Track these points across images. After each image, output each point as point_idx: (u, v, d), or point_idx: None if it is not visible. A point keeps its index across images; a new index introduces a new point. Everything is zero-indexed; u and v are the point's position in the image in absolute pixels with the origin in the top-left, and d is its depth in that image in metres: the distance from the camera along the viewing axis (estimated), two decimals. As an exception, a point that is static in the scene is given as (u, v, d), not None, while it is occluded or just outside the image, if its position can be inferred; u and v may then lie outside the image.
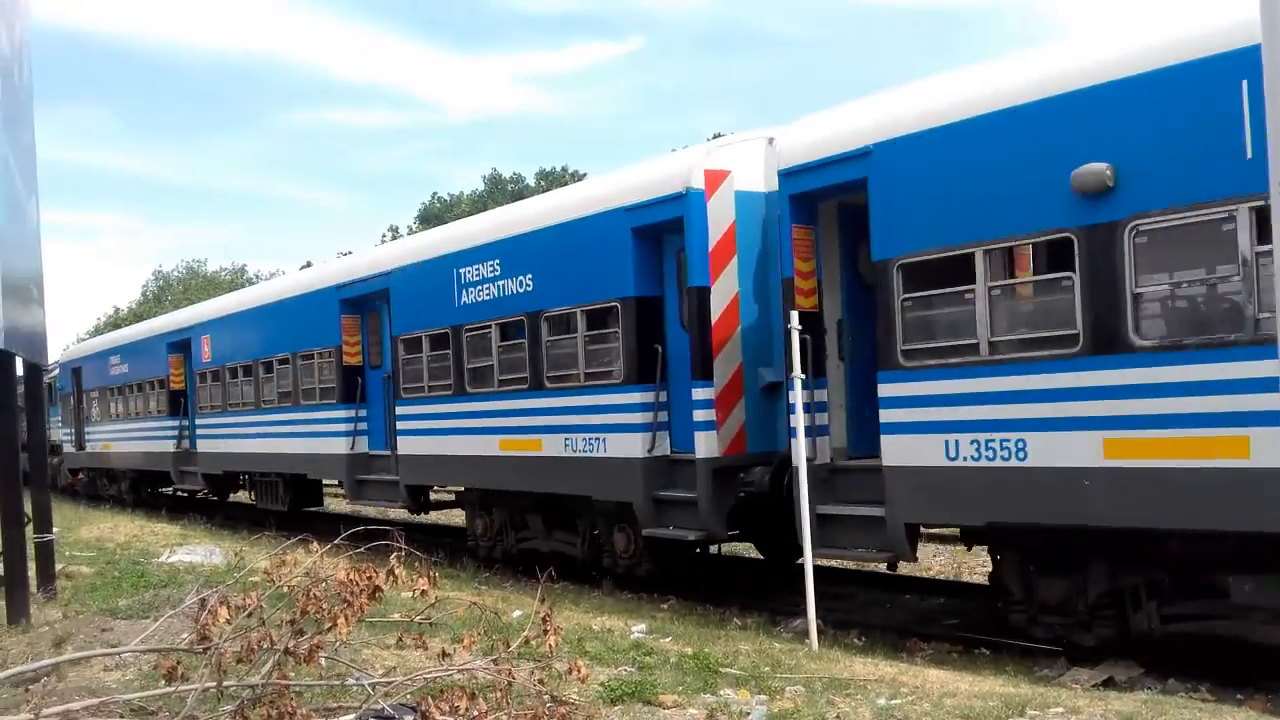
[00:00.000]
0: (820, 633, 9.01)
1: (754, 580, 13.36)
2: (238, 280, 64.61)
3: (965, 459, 8.59)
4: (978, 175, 8.52)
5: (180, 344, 24.50)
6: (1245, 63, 6.66)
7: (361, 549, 6.15)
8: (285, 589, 5.93)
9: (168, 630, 7.59)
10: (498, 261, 13.68)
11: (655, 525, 11.53)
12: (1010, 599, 8.97)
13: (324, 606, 5.48)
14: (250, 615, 5.72)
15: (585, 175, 56.68)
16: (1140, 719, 5.99)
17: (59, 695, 6.42)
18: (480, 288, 13.96)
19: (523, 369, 13.24)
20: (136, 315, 56.86)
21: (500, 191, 59.91)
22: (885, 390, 9.20)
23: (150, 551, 15.64)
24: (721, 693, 6.84)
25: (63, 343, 55.98)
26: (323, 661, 5.96)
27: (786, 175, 10.17)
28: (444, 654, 6.07)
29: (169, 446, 24.61)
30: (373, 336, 17.26)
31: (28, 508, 11.31)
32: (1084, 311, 7.74)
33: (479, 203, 56.04)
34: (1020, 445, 8.24)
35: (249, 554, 11.27)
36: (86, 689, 6.84)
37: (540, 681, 5.94)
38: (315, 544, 6.09)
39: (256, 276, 65.69)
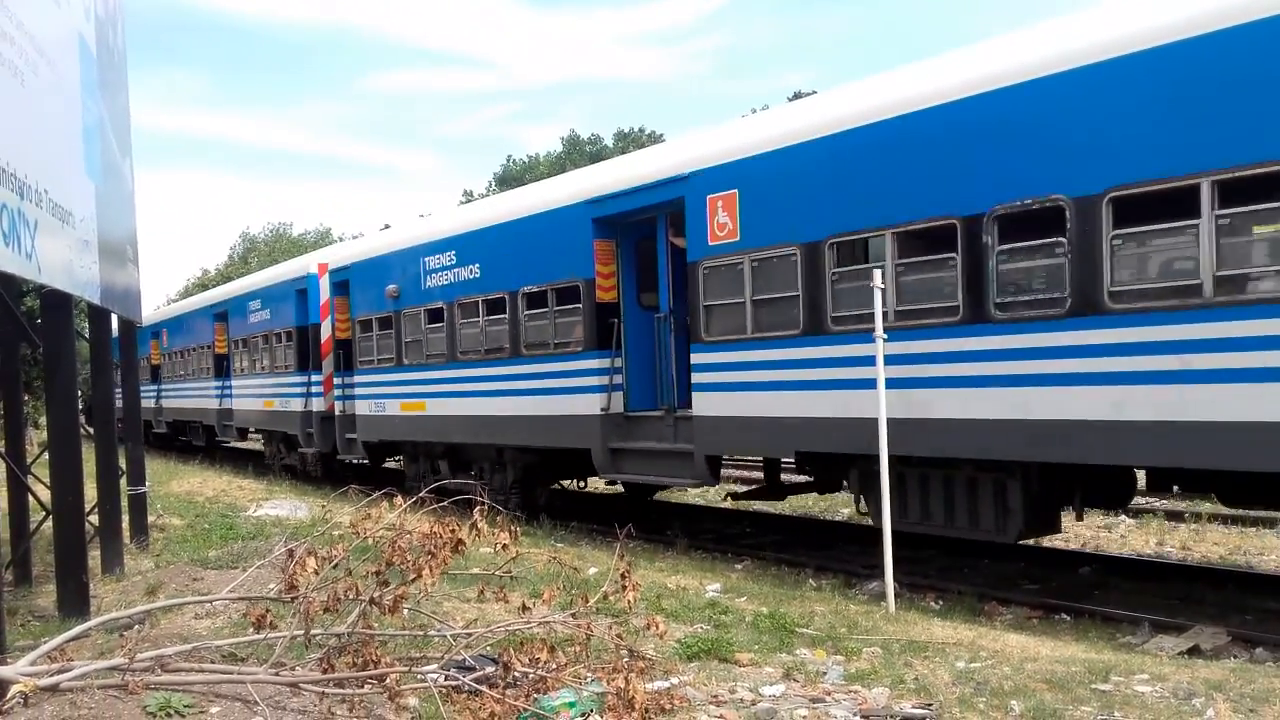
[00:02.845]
0: (897, 595, 8.95)
1: (825, 541, 13.34)
2: (322, 242, 65.54)
3: (374, 411, 18.36)
4: (375, 283, 18.17)
5: (157, 332, 35.09)
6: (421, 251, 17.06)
7: (444, 503, 6.24)
8: (370, 541, 6.05)
9: (256, 580, 7.82)
10: (259, 301, 24.18)
11: (305, 446, 21.28)
12: (406, 476, 17.86)
13: (408, 558, 5.58)
14: (336, 566, 5.85)
15: (663, 137, 56.44)
16: (1229, 687, 5.87)
17: (152, 641, 6.63)
18: (254, 315, 24.53)
19: (266, 361, 23.47)
20: (224, 276, 58.06)
21: (578, 153, 59.84)
22: (355, 379, 19.05)
23: (238, 505, 16.08)
24: (797, 652, 6.85)
25: (154, 302, 57.42)
26: (405, 613, 6.07)
27: (330, 272, 20.00)
28: (524, 608, 6.16)
29: (151, 403, 34.40)
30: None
31: (122, 461, 11.66)
32: (397, 348, 17.51)
33: (557, 164, 56.07)
34: (384, 405, 18.03)
35: (333, 508, 11.50)
36: (178, 635, 7.06)
37: (618, 636, 6.00)
38: (399, 498, 6.20)
39: (340, 238, 66.57)
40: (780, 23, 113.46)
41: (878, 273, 9.03)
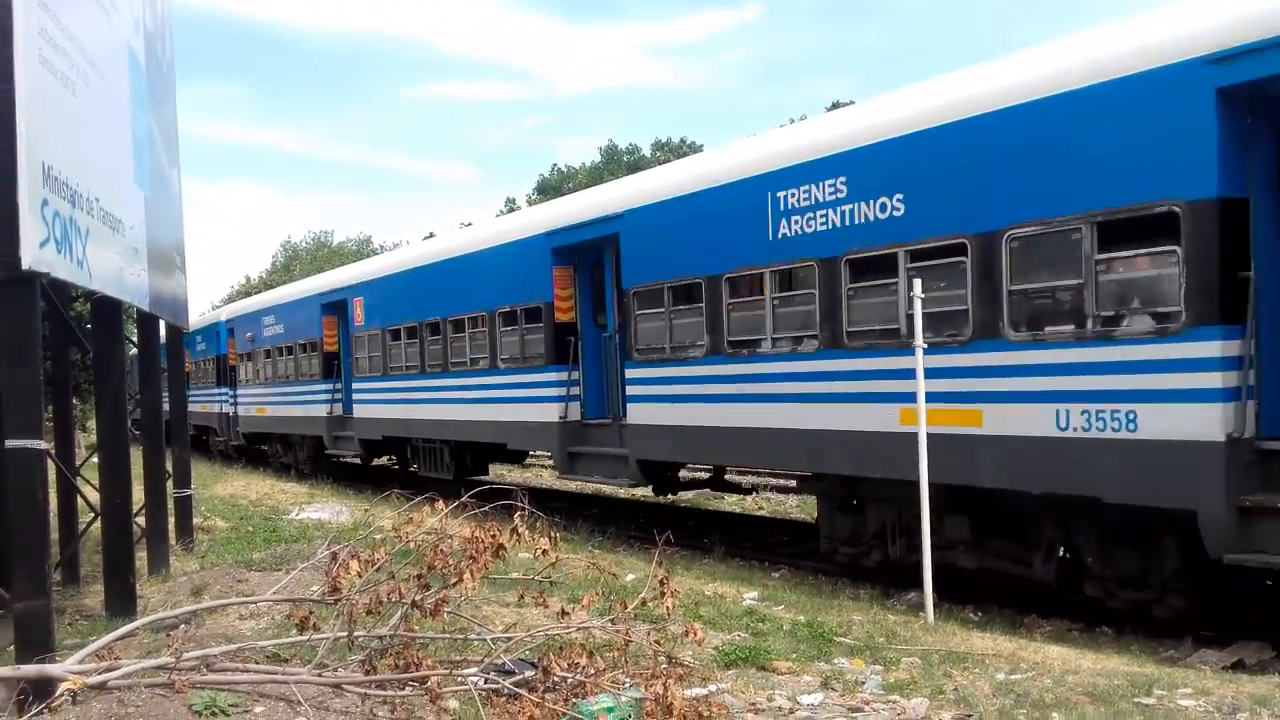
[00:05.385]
0: (935, 606, 8.90)
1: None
2: (363, 250, 66.11)
3: (247, 413, 29.53)
4: (243, 331, 29.73)
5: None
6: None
7: (485, 508, 6.29)
8: (411, 545, 6.11)
9: (298, 582, 7.90)
10: (200, 337, 33.84)
11: (220, 436, 32.39)
12: (268, 454, 28.79)
13: (450, 562, 5.63)
14: (379, 569, 5.92)
15: (702, 146, 56.52)
16: (1274, 702, 5.79)
17: (197, 641, 6.73)
18: (199, 346, 34.42)
19: (204, 378, 34.51)
20: (266, 284, 58.73)
21: (616, 163, 59.95)
22: (238, 392, 30.36)
23: (280, 509, 16.26)
24: (835, 661, 6.84)
25: (200, 309, 58.23)
26: (446, 616, 6.12)
27: (223, 322, 32.58)
28: (563, 613, 6.19)
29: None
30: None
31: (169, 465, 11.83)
32: (253, 372, 29.07)
33: (595, 174, 56.23)
34: (250, 409, 29.17)
35: (375, 512, 11.62)
36: (223, 636, 7.16)
37: (657, 643, 6.02)
38: (440, 503, 6.25)
39: (381, 247, 67.16)
40: (814, 34, 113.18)
41: (416, 342, 19.20)
